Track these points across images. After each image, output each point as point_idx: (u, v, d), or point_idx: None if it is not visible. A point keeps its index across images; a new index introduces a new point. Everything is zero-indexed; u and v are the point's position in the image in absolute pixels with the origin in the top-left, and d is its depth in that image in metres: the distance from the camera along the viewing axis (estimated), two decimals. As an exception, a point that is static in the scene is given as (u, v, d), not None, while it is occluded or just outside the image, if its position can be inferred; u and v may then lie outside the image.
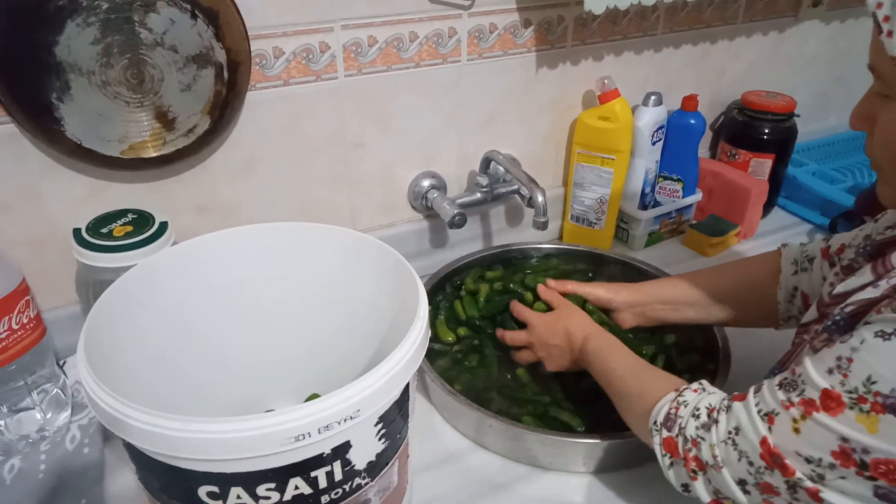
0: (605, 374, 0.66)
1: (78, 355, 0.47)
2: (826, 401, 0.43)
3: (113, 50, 0.64)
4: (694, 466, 0.51)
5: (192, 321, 0.62)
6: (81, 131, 0.67)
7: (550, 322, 0.75)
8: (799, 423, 0.44)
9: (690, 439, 0.52)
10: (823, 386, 0.44)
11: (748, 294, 0.74)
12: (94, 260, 0.66)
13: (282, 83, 0.78)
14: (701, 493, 0.52)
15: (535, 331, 0.76)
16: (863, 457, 0.41)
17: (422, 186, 0.94)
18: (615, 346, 0.68)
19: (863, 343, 0.42)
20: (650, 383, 0.60)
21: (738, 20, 1.12)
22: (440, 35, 0.85)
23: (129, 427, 0.42)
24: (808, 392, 0.44)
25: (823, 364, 0.45)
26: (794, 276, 0.70)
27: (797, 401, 0.45)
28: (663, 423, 0.55)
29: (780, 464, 0.45)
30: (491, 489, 0.67)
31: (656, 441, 0.55)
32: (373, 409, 0.46)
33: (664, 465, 0.55)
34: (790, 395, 0.46)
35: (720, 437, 0.49)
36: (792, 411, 0.45)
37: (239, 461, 0.43)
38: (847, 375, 0.42)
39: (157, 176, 0.76)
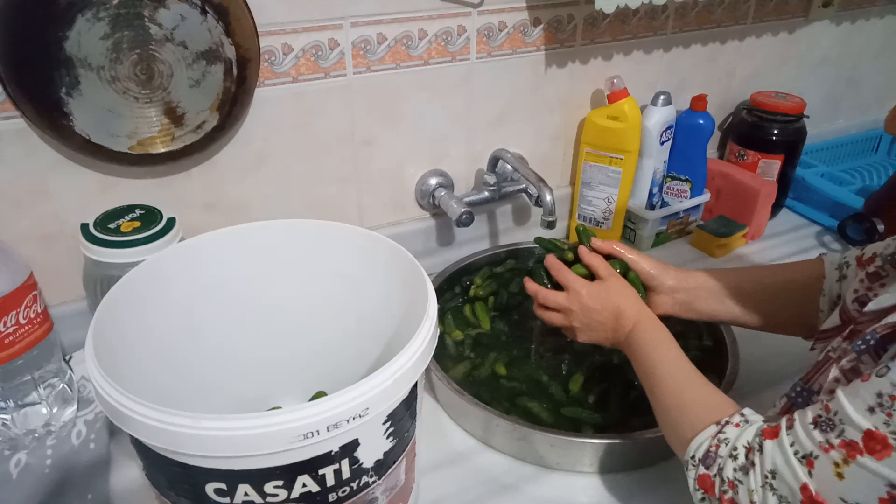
0: (650, 374, 0.61)
1: (86, 351, 0.47)
2: (870, 443, 0.40)
3: (123, 45, 0.64)
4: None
5: (200, 318, 0.62)
6: (90, 126, 0.66)
7: (598, 293, 0.68)
8: (841, 467, 0.42)
9: (727, 481, 0.49)
10: (866, 427, 0.41)
11: (795, 296, 0.69)
12: (101, 255, 0.66)
13: (290, 80, 0.78)
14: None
15: (579, 298, 0.69)
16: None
17: (429, 185, 0.94)
18: (668, 344, 0.63)
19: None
20: (694, 406, 0.56)
21: (749, 20, 1.12)
22: (449, 33, 0.85)
23: (137, 423, 0.42)
24: (849, 433, 0.42)
25: (861, 401, 0.42)
26: (838, 282, 0.68)
27: (837, 443, 0.42)
28: (701, 460, 0.52)
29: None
30: (498, 489, 0.66)
31: (691, 475, 0.53)
32: (381, 407, 0.46)
33: (696, 498, 0.53)
34: (828, 435, 0.43)
35: (758, 482, 0.47)
36: (833, 454, 0.42)
37: (247, 458, 0.43)
38: (891, 415, 0.40)
39: (166, 172, 0.76)
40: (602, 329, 0.68)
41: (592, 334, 0.69)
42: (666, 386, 0.59)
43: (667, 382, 0.60)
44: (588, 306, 0.68)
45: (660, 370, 0.61)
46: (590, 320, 0.68)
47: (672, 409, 0.58)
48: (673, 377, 0.60)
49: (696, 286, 0.72)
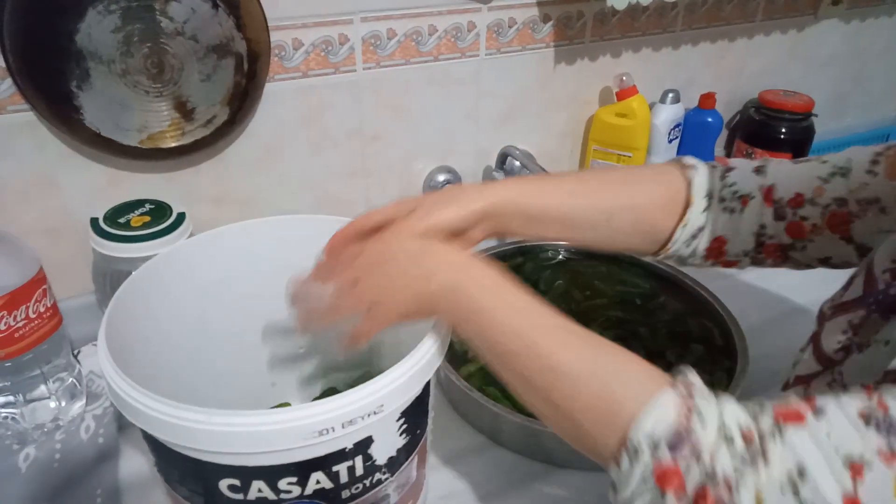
0: (509, 343, 0.41)
1: (99, 345, 0.47)
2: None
3: (133, 38, 0.64)
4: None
5: (210, 313, 0.62)
6: (100, 120, 0.66)
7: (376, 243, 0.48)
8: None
9: (721, 477, 0.33)
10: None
11: (637, 224, 0.56)
12: (111, 250, 0.65)
13: (300, 75, 0.77)
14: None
15: (362, 254, 0.48)
16: None
17: (437, 181, 0.93)
18: (523, 298, 0.42)
19: None
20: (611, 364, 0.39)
21: (758, 18, 1.12)
22: (459, 29, 0.84)
23: (151, 418, 0.42)
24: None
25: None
26: (704, 213, 0.56)
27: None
28: (666, 441, 0.34)
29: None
30: (507, 486, 0.66)
31: (642, 462, 0.35)
32: (396, 404, 0.46)
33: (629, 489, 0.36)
34: (892, 441, 0.32)
35: (774, 481, 0.33)
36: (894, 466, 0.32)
37: (261, 454, 0.43)
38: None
39: (175, 166, 0.76)
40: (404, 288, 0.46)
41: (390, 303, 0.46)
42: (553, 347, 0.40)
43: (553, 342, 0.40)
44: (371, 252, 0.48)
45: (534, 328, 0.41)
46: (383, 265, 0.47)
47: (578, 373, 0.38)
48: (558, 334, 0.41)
49: (507, 210, 0.52)
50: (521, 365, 0.41)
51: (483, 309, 0.42)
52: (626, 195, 0.55)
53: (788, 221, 0.52)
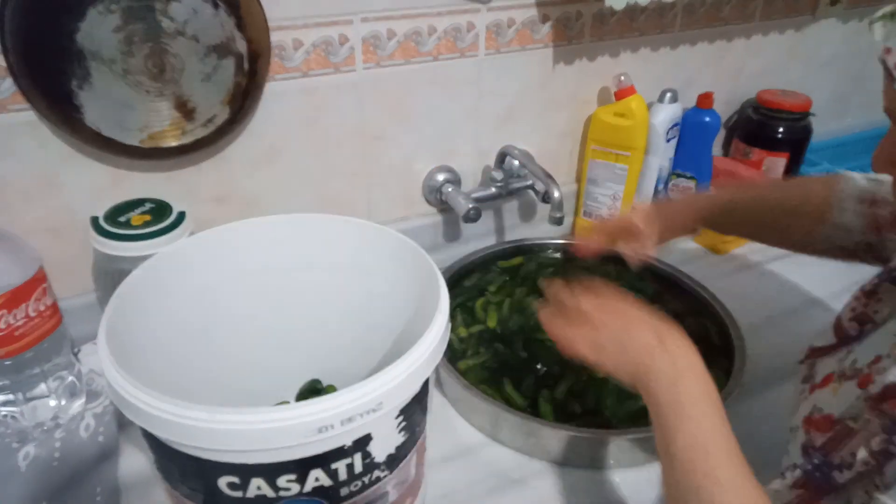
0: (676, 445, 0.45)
1: (99, 344, 0.47)
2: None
3: (134, 38, 0.64)
4: None
5: (210, 311, 0.62)
6: (101, 120, 0.66)
7: (631, 317, 0.54)
8: None
9: None
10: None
11: (796, 217, 0.68)
12: (112, 248, 0.66)
13: (301, 75, 0.77)
14: None
15: (612, 307, 0.55)
16: None
17: (436, 180, 0.94)
18: (714, 411, 0.46)
19: None
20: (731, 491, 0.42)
21: (756, 18, 1.12)
22: (458, 29, 0.85)
23: (150, 416, 0.42)
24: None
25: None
26: (844, 213, 0.65)
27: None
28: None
29: None
30: (506, 484, 0.66)
31: None
32: (394, 402, 0.46)
33: None
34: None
35: None
36: None
37: (261, 452, 0.43)
38: None
39: (176, 165, 0.76)
40: (635, 348, 0.51)
41: (616, 359, 0.52)
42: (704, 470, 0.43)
43: (705, 467, 0.44)
44: (627, 310, 0.54)
45: (703, 443, 0.45)
46: (625, 332, 0.52)
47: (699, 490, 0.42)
48: (717, 465, 0.44)
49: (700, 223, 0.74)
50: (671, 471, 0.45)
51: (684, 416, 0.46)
52: (792, 198, 0.69)
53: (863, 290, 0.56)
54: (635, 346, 0.50)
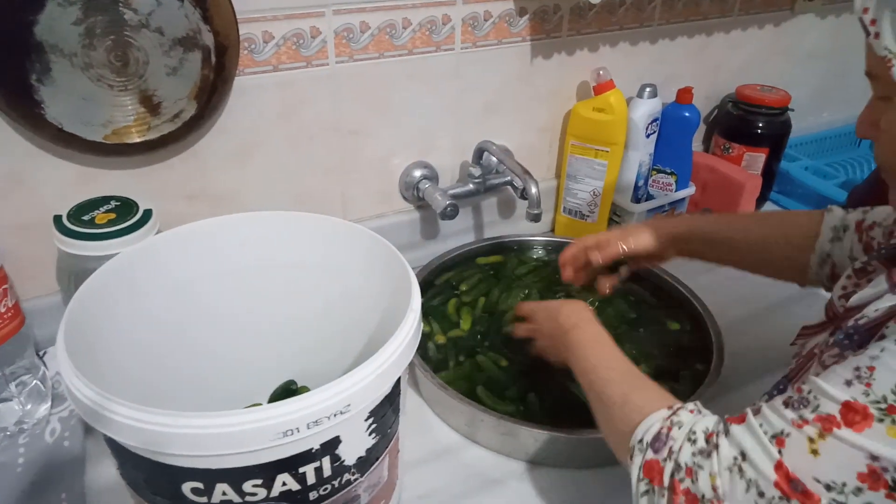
0: (586, 373, 0.59)
1: (57, 346, 0.46)
2: (849, 414, 0.38)
3: (96, 31, 0.62)
4: (683, 502, 0.43)
5: (179, 311, 0.61)
6: (63, 115, 0.64)
7: (549, 307, 0.70)
8: (816, 442, 0.39)
9: (685, 467, 0.44)
10: (844, 398, 0.39)
11: (783, 251, 0.70)
12: (75, 248, 0.64)
13: (271, 69, 0.76)
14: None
15: (535, 316, 0.72)
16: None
17: (413, 177, 0.92)
18: (603, 342, 0.61)
19: (883, 351, 0.39)
20: (637, 393, 0.53)
21: (735, 12, 1.12)
22: (434, 22, 0.83)
23: (111, 421, 0.41)
24: (826, 407, 0.40)
25: (838, 377, 0.40)
26: (830, 243, 0.67)
27: (812, 417, 0.40)
28: (650, 444, 0.47)
29: (802, 491, 0.39)
30: (484, 484, 0.66)
31: (636, 462, 0.47)
32: (364, 403, 0.45)
33: (636, 491, 0.47)
34: (802, 412, 0.41)
35: (723, 465, 0.42)
36: (807, 430, 0.40)
37: (224, 457, 0.42)
38: (870, 385, 0.38)
39: (145, 162, 0.74)
40: (553, 344, 0.67)
41: (552, 351, 0.68)
42: (603, 380, 0.56)
43: (604, 376, 0.57)
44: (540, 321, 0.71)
45: (594, 363, 0.59)
46: (543, 336, 0.70)
47: (613, 400, 0.54)
48: (610, 369, 0.57)
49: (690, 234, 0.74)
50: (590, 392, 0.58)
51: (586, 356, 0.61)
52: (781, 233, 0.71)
53: (864, 243, 0.61)
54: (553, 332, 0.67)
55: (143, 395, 0.56)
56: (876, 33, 0.43)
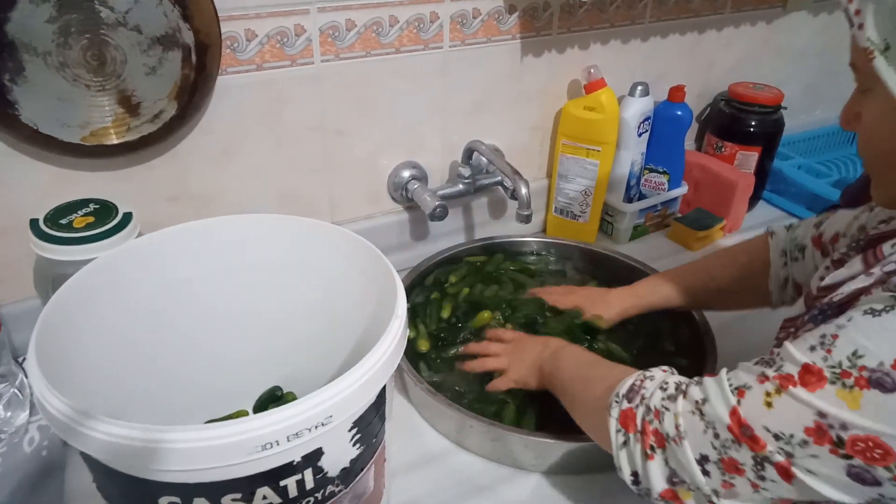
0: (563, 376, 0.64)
1: (29, 358, 0.44)
2: (806, 376, 0.42)
3: (71, 29, 0.60)
4: (653, 441, 0.48)
5: (161, 316, 0.59)
6: (38, 116, 0.63)
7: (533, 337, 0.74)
8: (772, 396, 0.43)
9: (654, 409, 0.49)
10: (804, 361, 0.42)
11: (740, 287, 0.73)
12: (52, 252, 0.62)
13: (255, 68, 0.74)
14: (654, 476, 0.48)
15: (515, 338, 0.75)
16: (840, 433, 0.40)
17: (402, 177, 0.91)
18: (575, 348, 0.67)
19: (850, 321, 0.41)
20: (612, 369, 0.59)
21: (727, 10, 1.11)
22: (421, 20, 0.82)
23: (83, 436, 0.39)
24: (787, 367, 0.43)
25: (805, 342, 0.43)
26: (784, 267, 0.70)
27: (773, 375, 0.43)
28: (625, 395, 0.52)
29: (750, 436, 0.43)
30: (472, 491, 0.65)
31: (613, 414, 0.52)
32: (346, 414, 0.44)
33: (616, 443, 0.51)
34: (766, 369, 0.44)
35: (686, 407, 0.47)
36: (766, 385, 0.43)
37: (202, 471, 0.40)
38: (831, 351, 0.41)
39: (126, 163, 0.72)
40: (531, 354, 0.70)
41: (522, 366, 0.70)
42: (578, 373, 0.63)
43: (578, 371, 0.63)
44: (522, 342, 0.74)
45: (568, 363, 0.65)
46: (522, 350, 0.72)
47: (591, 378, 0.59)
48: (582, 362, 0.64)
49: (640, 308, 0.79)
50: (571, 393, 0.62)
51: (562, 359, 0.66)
52: (728, 275, 0.75)
53: (832, 259, 0.59)
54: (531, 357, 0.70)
55: (124, 401, 0.55)
56: (860, 24, 0.43)
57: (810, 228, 0.68)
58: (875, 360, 0.39)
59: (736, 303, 0.76)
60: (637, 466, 0.50)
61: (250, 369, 0.67)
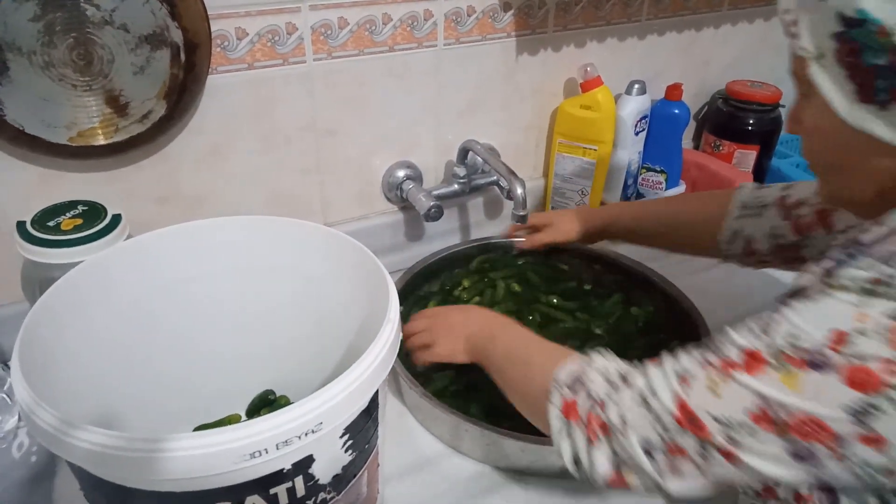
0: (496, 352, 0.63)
1: (12, 365, 0.44)
2: (748, 360, 0.42)
3: (56, 28, 0.59)
4: (598, 430, 0.48)
5: (151, 318, 0.59)
6: (23, 116, 0.61)
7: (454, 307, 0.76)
8: (717, 383, 0.43)
9: (598, 401, 0.49)
10: (744, 346, 0.43)
11: (690, 233, 0.76)
12: (39, 255, 0.61)
13: (246, 67, 0.73)
14: (599, 462, 0.49)
15: (436, 311, 0.74)
16: (781, 416, 0.41)
17: (396, 177, 0.90)
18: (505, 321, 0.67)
19: (790, 308, 0.43)
20: (550, 351, 0.58)
21: (724, 7, 1.10)
22: (415, 17, 0.81)
23: (66, 445, 0.39)
24: (728, 352, 0.44)
25: (747, 328, 0.45)
26: (738, 219, 0.71)
27: (715, 361, 0.44)
28: (567, 384, 0.52)
29: (695, 424, 0.44)
30: (467, 496, 0.64)
31: (555, 401, 0.52)
32: (338, 420, 0.43)
33: (556, 429, 0.51)
34: (708, 355, 0.45)
35: (632, 398, 0.47)
36: (709, 371, 0.44)
37: (189, 480, 0.39)
38: (771, 335, 0.42)
39: (114, 164, 0.71)
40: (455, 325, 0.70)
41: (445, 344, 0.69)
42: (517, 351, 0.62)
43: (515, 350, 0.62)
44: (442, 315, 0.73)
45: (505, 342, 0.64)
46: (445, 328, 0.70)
47: (531, 360, 0.59)
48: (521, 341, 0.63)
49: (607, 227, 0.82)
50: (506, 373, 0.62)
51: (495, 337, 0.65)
52: (687, 216, 0.77)
53: (792, 221, 0.64)
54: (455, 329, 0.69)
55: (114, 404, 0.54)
56: (796, 34, 0.44)
57: (777, 190, 0.70)
58: (811, 341, 0.40)
59: (690, 245, 0.78)
60: (580, 452, 0.50)
61: (243, 372, 0.66)
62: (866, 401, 0.38)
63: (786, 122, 0.56)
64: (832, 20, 0.41)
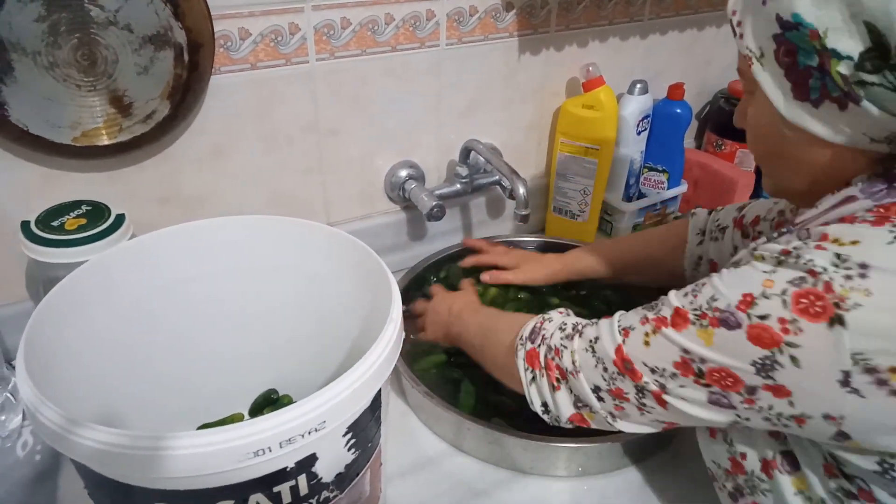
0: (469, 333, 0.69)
1: (17, 364, 0.44)
2: (675, 318, 0.48)
3: (60, 28, 0.59)
4: (557, 375, 0.55)
5: (154, 317, 0.59)
6: (28, 116, 0.62)
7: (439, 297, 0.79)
8: (650, 336, 0.49)
9: (554, 348, 0.56)
10: (676, 305, 0.48)
11: (654, 266, 0.80)
12: (44, 255, 0.61)
13: (249, 67, 0.73)
14: (563, 404, 0.55)
15: (434, 298, 0.79)
16: (700, 366, 0.46)
17: (399, 177, 0.90)
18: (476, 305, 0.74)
19: (718, 274, 0.47)
20: (515, 318, 0.65)
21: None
22: (418, 18, 0.81)
23: (70, 443, 0.39)
24: (663, 311, 0.49)
25: (682, 291, 0.50)
26: (700, 245, 0.75)
27: (652, 317, 0.50)
28: (528, 337, 0.59)
29: (630, 370, 0.50)
30: (470, 495, 0.64)
31: (520, 355, 0.59)
32: (341, 419, 0.43)
33: (525, 380, 0.58)
34: (648, 313, 0.51)
35: (581, 345, 0.54)
36: (646, 326, 0.50)
37: (193, 478, 0.40)
38: (697, 296, 0.47)
39: (116, 164, 0.72)
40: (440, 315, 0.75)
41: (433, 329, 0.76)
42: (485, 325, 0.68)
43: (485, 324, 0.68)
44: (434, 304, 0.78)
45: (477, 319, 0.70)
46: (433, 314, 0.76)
47: (498, 329, 0.65)
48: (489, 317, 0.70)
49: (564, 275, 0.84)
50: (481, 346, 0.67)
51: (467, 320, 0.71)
52: (647, 251, 0.81)
53: (752, 238, 0.66)
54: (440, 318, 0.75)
55: (117, 404, 0.54)
56: (741, 34, 0.47)
57: (732, 212, 0.73)
58: (725, 302, 0.45)
59: (653, 276, 0.80)
60: (546, 398, 0.57)
61: (244, 372, 0.66)
62: (767, 356, 0.43)
63: (734, 117, 0.58)
64: (772, 23, 0.44)
